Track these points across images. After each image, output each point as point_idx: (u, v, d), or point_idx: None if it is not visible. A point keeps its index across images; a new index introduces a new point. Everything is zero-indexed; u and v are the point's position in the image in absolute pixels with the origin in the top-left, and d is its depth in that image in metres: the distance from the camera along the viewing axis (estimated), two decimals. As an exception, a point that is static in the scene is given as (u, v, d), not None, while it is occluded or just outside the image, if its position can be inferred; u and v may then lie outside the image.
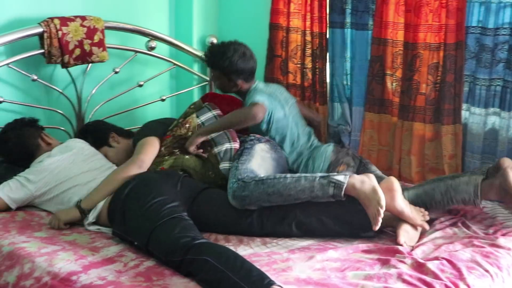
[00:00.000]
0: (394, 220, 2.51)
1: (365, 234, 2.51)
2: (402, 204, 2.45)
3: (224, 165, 2.94)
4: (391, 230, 2.56)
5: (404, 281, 2.10)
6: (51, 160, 2.86)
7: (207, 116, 3.13)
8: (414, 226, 2.49)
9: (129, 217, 2.45)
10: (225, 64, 3.20)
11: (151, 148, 2.94)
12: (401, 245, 2.40)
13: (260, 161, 2.84)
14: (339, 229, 2.52)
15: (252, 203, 2.57)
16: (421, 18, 3.17)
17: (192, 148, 2.96)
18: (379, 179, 2.97)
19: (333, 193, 2.48)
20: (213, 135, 3.01)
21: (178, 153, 2.99)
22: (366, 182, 2.46)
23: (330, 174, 2.57)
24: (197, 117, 3.12)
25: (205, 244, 2.20)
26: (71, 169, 2.81)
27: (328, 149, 3.11)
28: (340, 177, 2.50)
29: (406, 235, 2.45)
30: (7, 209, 2.76)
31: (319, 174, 2.57)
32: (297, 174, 2.60)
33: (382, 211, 2.36)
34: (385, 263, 2.25)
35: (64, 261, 2.25)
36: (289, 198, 2.54)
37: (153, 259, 2.29)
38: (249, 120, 2.96)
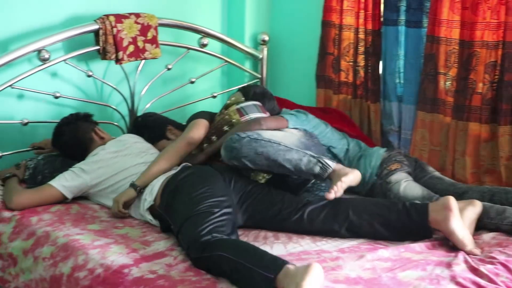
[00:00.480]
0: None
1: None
2: (454, 226, 2.35)
3: None
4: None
5: (458, 283, 2.05)
6: (105, 152, 2.92)
7: (247, 103, 3.10)
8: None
9: (176, 199, 2.49)
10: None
11: (200, 128, 3.02)
12: (471, 253, 2.32)
13: (281, 135, 2.83)
14: (389, 235, 2.48)
15: (238, 157, 2.61)
16: (478, 16, 3.09)
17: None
18: (438, 180, 2.93)
19: (317, 172, 2.56)
20: (252, 118, 2.99)
21: (215, 139, 2.98)
22: (349, 170, 2.54)
23: (322, 156, 2.63)
24: (237, 104, 3.10)
25: (220, 241, 2.21)
26: (126, 161, 2.86)
27: (382, 149, 3.10)
28: (329, 161, 2.58)
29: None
30: (63, 200, 2.81)
31: (311, 153, 2.63)
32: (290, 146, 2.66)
33: (342, 183, 2.47)
34: (438, 264, 2.21)
35: (116, 254, 2.29)
36: (273, 164, 2.60)
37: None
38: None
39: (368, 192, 2.92)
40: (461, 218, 2.38)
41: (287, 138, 2.82)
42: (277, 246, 2.42)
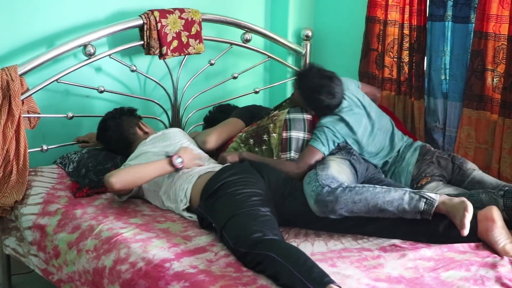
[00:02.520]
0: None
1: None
2: (497, 236, 2.31)
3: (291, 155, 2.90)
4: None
5: (503, 284, 2.01)
6: (149, 146, 2.94)
7: (297, 115, 3.03)
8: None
9: (219, 199, 2.48)
10: (313, 98, 3.02)
11: (224, 128, 3.14)
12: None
13: (338, 168, 2.72)
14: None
15: (335, 210, 2.44)
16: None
17: (229, 158, 2.92)
18: (479, 185, 2.85)
19: (423, 209, 2.37)
20: (292, 137, 2.94)
21: (251, 143, 2.98)
22: (455, 198, 2.37)
23: (421, 190, 2.48)
24: (288, 112, 3.05)
25: (273, 241, 2.20)
26: (169, 153, 2.87)
27: (411, 161, 3.01)
28: (431, 194, 2.40)
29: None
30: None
31: (409, 189, 2.47)
32: (386, 187, 2.50)
33: (467, 214, 2.25)
34: (482, 265, 2.16)
35: (158, 248, 2.31)
36: (373, 209, 2.42)
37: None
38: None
39: None
40: (504, 226, 2.34)
41: (344, 171, 2.73)
42: (318, 243, 2.41)
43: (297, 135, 2.95)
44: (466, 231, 2.26)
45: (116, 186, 2.63)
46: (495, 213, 2.34)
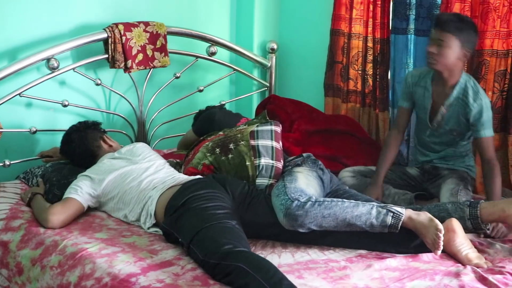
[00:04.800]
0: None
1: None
2: (459, 246, 2.35)
3: (262, 181, 2.84)
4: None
5: (467, 293, 2.04)
6: (113, 160, 2.92)
7: (265, 127, 3.01)
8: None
9: (185, 214, 2.47)
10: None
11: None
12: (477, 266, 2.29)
13: (306, 180, 2.70)
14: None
15: (304, 224, 2.43)
16: (488, 24, 3.09)
17: None
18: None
19: (390, 223, 2.39)
20: (260, 145, 2.91)
21: (217, 152, 2.96)
22: (421, 214, 2.40)
23: (387, 204, 2.49)
24: (257, 126, 3.03)
25: (243, 252, 2.19)
26: (134, 169, 2.85)
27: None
28: (398, 208, 2.42)
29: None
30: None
31: (376, 203, 2.49)
32: (355, 201, 2.49)
33: (441, 235, 2.29)
34: (446, 274, 2.19)
35: (124, 262, 2.28)
36: (342, 223, 2.42)
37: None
38: None
39: None
40: (465, 236, 2.39)
41: (312, 184, 2.71)
42: (285, 255, 2.41)
43: (265, 143, 2.93)
44: (439, 252, 2.31)
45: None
46: (455, 224, 2.38)
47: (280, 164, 2.90)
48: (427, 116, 3.11)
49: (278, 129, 3.04)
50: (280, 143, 2.99)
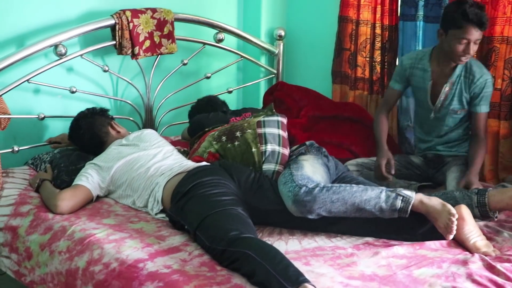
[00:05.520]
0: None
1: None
2: (468, 233, 2.35)
3: (268, 166, 2.83)
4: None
5: (474, 281, 2.03)
6: (121, 147, 2.93)
7: (271, 118, 3.03)
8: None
9: (190, 201, 2.48)
10: None
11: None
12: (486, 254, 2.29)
13: (312, 168, 2.70)
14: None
15: (313, 209, 2.43)
16: (498, 11, 3.06)
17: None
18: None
19: (400, 207, 2.38)
20: (266, 132, 2.92)
21: (224, 139, 2.96)
22: (433, 198, 2.39)
23: (397, 188, 2.48)
24: (263, 117, 3.04)
25: (250, 239, 2.20)
26: (142, 156, 2.85)
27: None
28: (407, 192, 2.41)
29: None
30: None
31: (385, 188, 2.48)
32: (364, 186, 2.49)
33: (454, 219, 2.29)
34: (454, 262, 2.19)
35: (132, 248, 2.29)
36: (351, 208, 2.42)
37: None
38: None
39: None
40: (474, 224, 2.38)
41: (318, 171, 2.70)
42: (292, 242, 2.42)
43: (272, 131, 2.94)
44: (451, 237, 2.31)
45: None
46: (465, 211, 2.38)
47: (286, 151, 2.90)
48: (428, 98, 3.12)
49: (285, 120, 3.06)
50: (286, 133, 3.00)
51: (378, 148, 3.16)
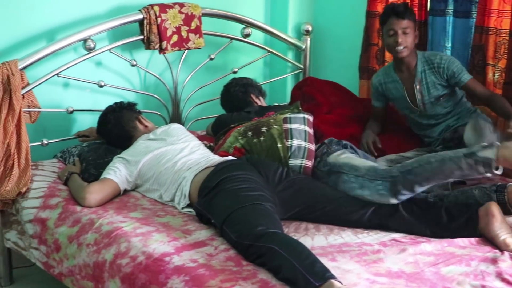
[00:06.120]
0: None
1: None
2: (497, 230, 2.32)
3: (295, 161, 2.84)
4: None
5: (504, 280, 2.00)
6: (149, 141, 2.94)
7: (298, 115, 3.03)
8: None
9: (218, 195, 2.48)
10: None
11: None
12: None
13: (358, 160, 2.75)
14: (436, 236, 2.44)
15: (405, 193, 2.50)
16: (507, 3, 3.02)
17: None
18: None
19: (484, 171, 2.39)
20: (293, 128, 2.92)
21: (249, 135, 2.96)
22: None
23: (475, 149, 2.43)
24: (289, 114, 3.04)
25: (276, 234, 2.20)
26: (169, 150, 2.87)
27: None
28: (487, 153, 2.38)
29: None
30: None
31: (463, 151, 2.45)
32: (440, 155, 2.50)
33: None
34: (483, 260, 2.16)
35: (158, 242, 2.31)
36: (439, 180, 2.51)
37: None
38: None
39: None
40: (504, 221, 2.35)
41: (360, 158, 2.80)
42: (318, 237, 2.41)
43: (298, 127, 2.94)
44: None
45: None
46: (494, 208, 2.35)
47: (312, 146, 2.91)
48: (408, 102, 3.24)
49: (311, 118, 3.07)
50: (312, 129, 3.01)
51: (364, 131, 3.35)
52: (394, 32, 3.09)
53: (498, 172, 2.37)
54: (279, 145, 2.87)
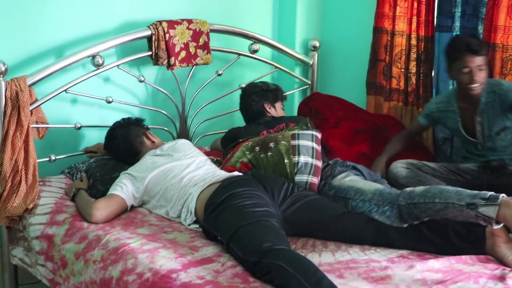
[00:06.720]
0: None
1: None
2: (504, 251, 2.31)
3: (301, 177, 2.84)
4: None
5: (512, 297, 2.00)
6: (156, 157, 2.95)
7: (306, 131, 3.02)
8: None
9: (223, 212, 2.48)
10: None
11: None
12: None
13: (362, 183, 2.74)
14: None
15: (413, 221, 2.47)
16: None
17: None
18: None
19: (485, 225, 2.35)
20: (300, 144, 2.92)
21: (257, 150, 2.96)
22: None
23: (478, 202, 2.34)
24: (298, 130, 3.05)
25: (283, 250, 2.19)
26: (176, 166, 2.87)
27: None
28: (489, 210, 2.30)
29: None
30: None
31: (466, 201, 2.35)
32: (444, 196, 2.41)
33: None
34: (491, 277, 2.15)
35: (165, 258, 2.30)
36: (442, 217, 2.45)
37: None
38: None
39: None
40: (510, 240, 2.34)
41: (364, 181, 2.80)
42: (326, 254, 2.40)
43: (306, 143, 2.94)
44: None
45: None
46: (500, 229, 2.33)
47: (319, 163, 2.91)
48: (464, 135, 3.17)
49: (319, 135, 3.07)
50: (320, 146, 3.01)
51: (380, 157, 3.27)
52: (469, 69, 2.96)
53: (498, 227, 2.32)
54: (286, 161, 2.87)
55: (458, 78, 3.03)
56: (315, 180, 2.83)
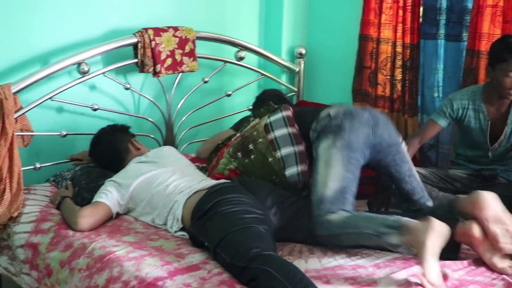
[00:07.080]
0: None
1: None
2: (481, 251, 2.32)
3: (291, 171, 2.78)
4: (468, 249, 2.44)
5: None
6: (140, 164, 2.94)
7: (276, 116, 2.92)
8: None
9: (211, 218, 2.47)
10: None
11: (214, 138, 3.39)
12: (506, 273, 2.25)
13: (325, 170, 2.54)
14: None
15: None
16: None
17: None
18: None
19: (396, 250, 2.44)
20: (277, 136, 2.84)
21: (240, 156, 2.94)
22: (418, 233, 2.23)
23: (384, 231, 2.33)
24: (268, 117, 2.96)
25: (270, 256, 2.19)
26: (161, 173, 2.86)
27: None
28: (394, 239, 2.32)
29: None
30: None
31: (377, 230, 2.34)
32: (365, 227, 2.39)
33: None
34: (475, 282, 2.16)
35: (151, 266, 2.29)
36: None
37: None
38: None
39: None
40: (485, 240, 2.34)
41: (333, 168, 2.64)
42: (312, 260, 2.40)
43: (281, 132, 2.87)
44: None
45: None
46: (475, 228, 2.32)
47: (302, 146, 2.82)
48: (486, 139, 3.08)
49: (290, 112, 2.93)
50: (296, 126, 2.88)
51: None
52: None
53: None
54: (270, 159, 2.84)
55: (501, 80, 2.88)
56: (305, 167, 2.79)
